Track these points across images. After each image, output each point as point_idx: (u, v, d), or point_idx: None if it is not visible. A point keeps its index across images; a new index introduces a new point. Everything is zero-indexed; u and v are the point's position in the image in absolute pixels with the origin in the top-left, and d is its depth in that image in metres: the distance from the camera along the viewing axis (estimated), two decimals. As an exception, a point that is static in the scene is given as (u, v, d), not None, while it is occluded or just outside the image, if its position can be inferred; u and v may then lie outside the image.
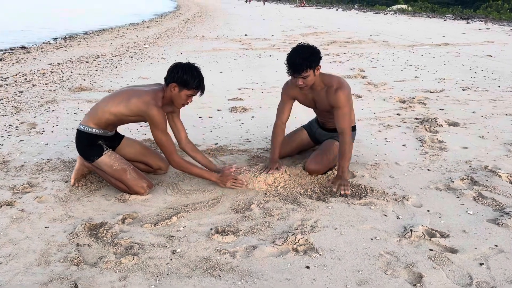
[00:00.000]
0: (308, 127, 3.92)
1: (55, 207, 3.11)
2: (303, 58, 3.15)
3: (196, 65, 3.15)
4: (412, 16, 25.65)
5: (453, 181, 3.36)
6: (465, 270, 2.32)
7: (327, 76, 3.39)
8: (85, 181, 3.49)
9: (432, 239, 2.61)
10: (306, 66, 3.15)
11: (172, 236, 2.72)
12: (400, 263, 2.39)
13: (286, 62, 3.22)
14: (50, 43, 14.63)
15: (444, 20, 21.40)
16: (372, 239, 2.64)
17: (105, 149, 3.26)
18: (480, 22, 19.20)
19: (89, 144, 3.25)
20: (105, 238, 2.69)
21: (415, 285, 2.21)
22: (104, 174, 3.32)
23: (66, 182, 3.51)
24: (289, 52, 3.24)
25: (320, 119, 3.75)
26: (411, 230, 2.67)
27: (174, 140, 3.40)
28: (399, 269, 2.35)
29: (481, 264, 2.37)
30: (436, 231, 2.69)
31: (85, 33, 17.94)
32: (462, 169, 3.60)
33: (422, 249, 2.52)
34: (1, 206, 3.11)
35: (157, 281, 2.29)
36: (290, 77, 3.36)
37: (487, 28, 16.25)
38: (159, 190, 3.36)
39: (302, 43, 3.31)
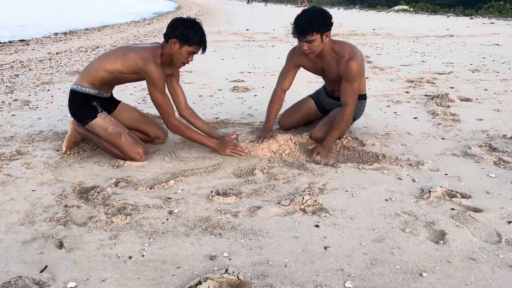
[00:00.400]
0: (315, 96, 3.69)
1: (44, 173, 2.90)
2: (310, 20, 2.91)
3: (197, 20, 2.94)
4: (415, 14, 25.49)
5: (470, 148, 3.14)
6: (492, 228, 2.10)
7: (338, 44, 3.14)
8: (78, 149, 3.27)
9: (452, 199, 2.39)
10: (313, 29, 2.91)
11: (169, 198, 2.50)
12: (419, 222, 2.17)
13: (292, 22, 2.99)
14: (50, 37, 14.44)
15: (447, 17, 21.23)
16: (386, 200, 2.42)
17: (99, 111, 3.04)
18: (484, 18, 19.03)
19: (83, 105, 3.03)
20: (96, 200, 2.47)
21: (438, 242, 1.99)
22: (97, 139, 3.10)
23: (58, 150, 3.29)
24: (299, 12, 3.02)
25: (329, 88, 3.52)
26: (429, 191, 2.45)
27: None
28: (418, 227, 2.13)
29: (510, 222, 2.15)
30: (456, 192, 2.47)
31: (86, 29, 17.77)
32: (479, 138, 3.38)
33: (443, 209, 2.30)
34: (-14, 172, 2.89)
35: (151, 239, 2.07)
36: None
37: (491, 23, 16.06)
38: (156, 158, 3.14)
39: (315, 5, 3.06)
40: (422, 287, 1.69)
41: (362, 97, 3.45)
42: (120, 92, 3.38)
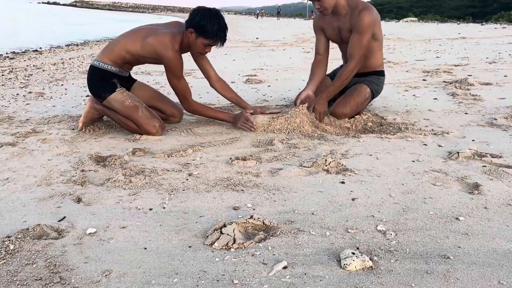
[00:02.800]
0: (332, 74, 3.63)
1: (59, 146, 2.85)
2: None
3: (220, 11, 2.90)
4: (424, 22, 25.50)
5: (496, 119, 3.04)
6: (528, 181, 1.99)
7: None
8: (93, 127, 3.22)
9: (483, 158, 2.29)
10: None
11: (187, 164, 2.43)
12: (450, 177, 2.08)
13: None
14: (62, 48, 14.63)
15: (458, 24, 21.20)
16: (413, 161, 2.33)
17: (118, 86, 3.01)
18: (496, 23, 18.96)
19: (103, 80, 3.00)
20: (113, 165, 2.41)
21: (472, 192, 1.89)
22: (114, 115, 3.06)
23: (73, 129, 3.25)
24: None
25: (345, 60, 3.46)
26: (458, 152, 2.35)
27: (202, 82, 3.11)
28: (450, 181, 2.03)
29: (546, 175, 2.04)
30: (486, 153, 2.37)
31: (97, 41, 18.01)
32: (503, 112, 3.29)
33: (474, 166, 2.20)
34: (1, 146, 2.85)
35: (172, 195, 2.00)
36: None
37: (504, 27, 15.98)
38: (172, 133, 3.09)
39: None
40: (460, 229, 1.59)
41: (380, 74, 3.39)
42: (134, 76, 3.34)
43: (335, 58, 3.37)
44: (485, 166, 2.18)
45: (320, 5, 2.96)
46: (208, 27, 2.77)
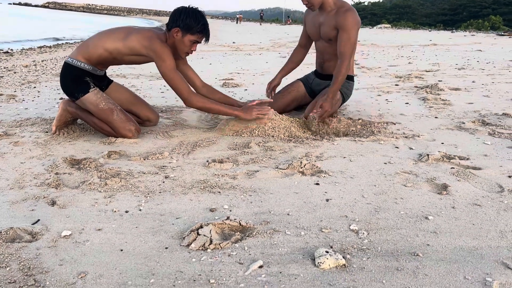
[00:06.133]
0: (304, 79, 3.70)
1: (33, 149, 2.80)
2: None
3: (199, 9, 2.93)
4: (397, 29, 26.08)
5: (464, 123, 3.15)
6: (493, 182, 2.09)
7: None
8: (67, 129, 3.18)
9: (451, 161, 2.38)
10: None
11: (164, 166, 2.43)
12: (420, 179, 2.15)
13: None
14: (34, 49, 14.32)
15: (429, 31, 21.77)
16: (385, 163, 2.40)
17: (91, 86, 2.98)
18: (465, 31, 19.57)
19: (76, 79, 2.96)
20: (88, 168, 2.39)
21: (441, 193, 1.97)
22: (88, 118, 3.03)
23: (47, 132, 3.20)
24: None
25: (319, 60, 3.53)
26: (428, 155, 2.44)
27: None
28: (420, 182, 2.10)
29: (510, 176, 2.14)
30: (455, 155, 2.46)
31: (71, 43, 17.69)
32: (471, 116, 3.41)
33: (443, 168, 2.28)
34: (-28, 149, 2.79)
35: (148, 197, 2.00)
36: None
37: (472, 35, 16.51)
38: (149, 136, 3.08)
39: None
40: (429, 227, 1.65)
41: (350, 78, 3.47)
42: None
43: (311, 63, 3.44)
44: (453, 168, 2.26)
45: (308, 1, 3.07)
46: (193, 24, 2.82)
